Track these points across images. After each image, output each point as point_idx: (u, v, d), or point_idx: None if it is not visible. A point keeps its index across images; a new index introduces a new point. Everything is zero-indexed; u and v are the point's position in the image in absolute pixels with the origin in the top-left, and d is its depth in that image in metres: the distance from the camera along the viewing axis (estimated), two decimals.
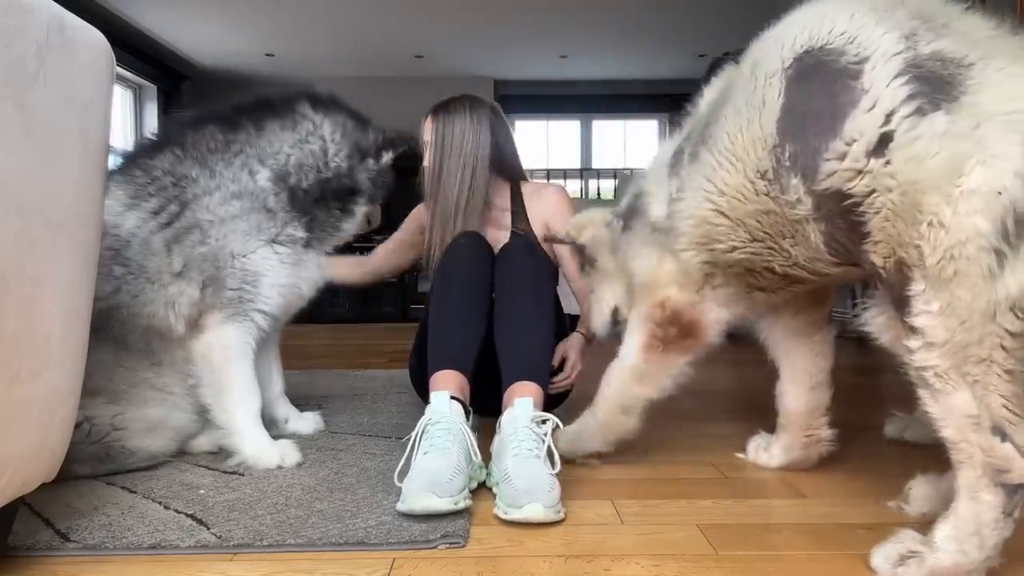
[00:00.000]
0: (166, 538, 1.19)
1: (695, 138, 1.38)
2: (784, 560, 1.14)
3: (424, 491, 1.26)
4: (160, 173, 1.61)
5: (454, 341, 1.64)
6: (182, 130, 1.70)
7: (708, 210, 1.31)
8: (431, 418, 1.42)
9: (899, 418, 1.91)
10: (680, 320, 1.44)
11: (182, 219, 1.58)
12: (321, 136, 1.74)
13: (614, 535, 1.24)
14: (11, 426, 0.99)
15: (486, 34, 7.35)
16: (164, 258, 1.57)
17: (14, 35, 0.93)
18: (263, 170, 1.66)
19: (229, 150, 1.66)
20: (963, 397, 0.98)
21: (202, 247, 1.58)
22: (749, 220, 1.26)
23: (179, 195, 1.59)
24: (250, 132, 1.69)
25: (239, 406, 1.63)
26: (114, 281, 1.54)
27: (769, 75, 1.17)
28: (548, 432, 1.43)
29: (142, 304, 1.57)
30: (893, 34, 1.04)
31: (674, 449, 1.80)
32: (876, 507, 1.36)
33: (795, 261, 1.27)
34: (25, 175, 0.97)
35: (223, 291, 1.60)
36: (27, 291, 0.99)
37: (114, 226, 1.55)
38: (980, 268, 0.94)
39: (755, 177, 1.21)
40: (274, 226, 1.66)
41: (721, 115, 1.29)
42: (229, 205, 1.61)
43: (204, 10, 6.85)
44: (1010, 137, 0.93)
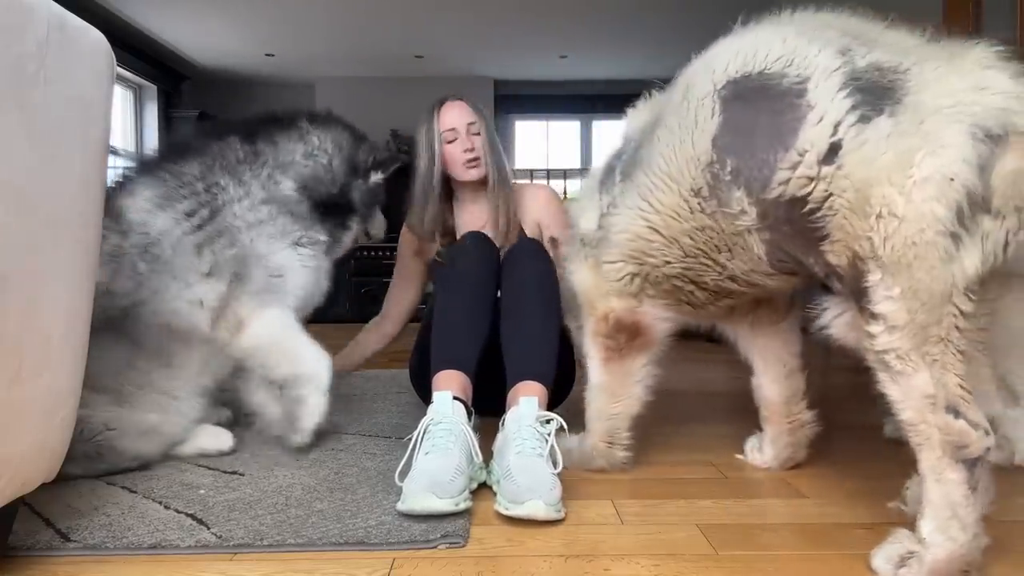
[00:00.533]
0: (166, 538, 1.19)
1: (627, 158, 1.46)
2: (783, 560, 1.14)
3: (425, 491, 1.26)
4: (191, 179, 1.69)
5: (457, 342, 1.65)
6: (206, 140, 1.78)
7: (643, 227, 1.37)
8: (433, 418, 1.42)
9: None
10: (625, 326, 1.51)
11: (213, 223, 1.66)
12: (325, 150, 1.82)
13: (614, 535, 1.24)
14: (11, 426, 1.00)
15: (486, 34, 7.34)
16: (193, 258, 1.63)
17: (14, 35, 0.93)
18: (286, 179, 1.76)
19: (256, 160, 1.75)
20: (922, 377, 1.04)
21: (231, 249, 1.66)
22: (683, 237, 1.32)
23: (210, 201, 1.67)
24: (266, 142, 1.78)
25: (318, 362, 1.70)
26: (137, 277, 1.58)
27: (701, 97, 1.24)
28: (552, 432, 1.43)
29: (164, 301, 1.60)
30: (828, 51, 1.11)
31: (674, 449, 1.80)
32: (875, 507, 1.36)
33: (730, 274, 1.33)
34: (25, 175, 0.97)
35: (249, 282, 1.67)
36: (27, 291, 0.99)
37: (142, 223, 1.61)
38: (938, 252, 0.99)
39: (689, 195, 1.27)
40: (297, 229, 1.74)
41: (654, 137, 1.35)
42: (257, 211, 1.70)
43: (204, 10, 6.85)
44: (955, 127, 0.99)
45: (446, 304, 1.72)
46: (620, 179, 1.46)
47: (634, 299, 1.49)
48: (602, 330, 1.53)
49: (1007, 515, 1.33)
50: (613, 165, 1.52)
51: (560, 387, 1.95)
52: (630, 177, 1.41)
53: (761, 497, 1.46)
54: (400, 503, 1.29)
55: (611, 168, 1.52)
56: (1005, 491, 1.47)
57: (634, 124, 1.53)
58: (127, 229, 1.60)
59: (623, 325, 1.51)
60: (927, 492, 1.05)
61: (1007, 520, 1.31)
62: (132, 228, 1.60)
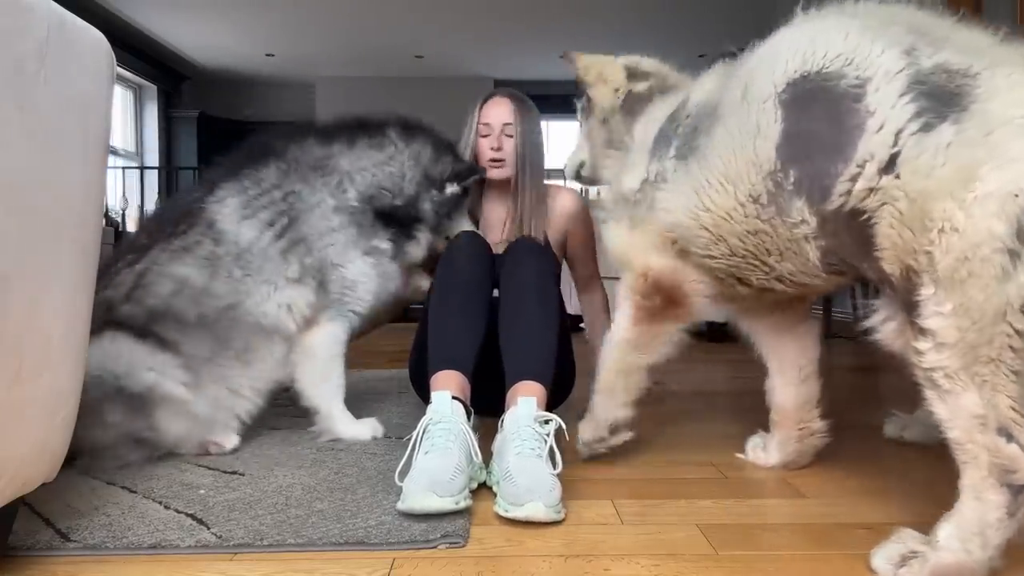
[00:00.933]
0: (166, 538, 1.19)
1: (683, 137, 1.38)
2: (784, 560, 1.14)
3: (425, 490, 1.26)
4: (269, 186, 1.77)
5: (454, 341, 1.65)
6: (285, 143, 1.85)
7: (690, 221, 1.34)
8: (432, 418, 1.42)
9: (898, 418, 1.91)
10: (663, 287, 1.44)
11: (292, 231, 1.75)
12: (400, 161, 1.88)
13: (614, 535, 1.24)
14: (11, 426, 0.99)
15: (486, 34, 7.35)
16: (281, 264, 1.74)
17: (14, 35, 0.93)
18: (351, 189, 1.83)
19: (326, 166, 1.82)
20: (971, 398, 0.99)
21: (308, 257, 1.76)
22: (732, 239, 1.29)
23: (288, 209, 1.76)
24: (342, 147, 1.85)
25: (337, 394, 1.85)
26: (233, 283, 1.70)
27: (762, 100, 1.18)
28: (551, 432, 1.43)
29: (255, 304, 1.72)
30: (893, 51, 1.04)
31: (674, 449, 1.80)
32: (875, 507, 1.37)
33: (777, 275, 1.30)
34: (25, 175, 0.97)
35: (329, 294, 1.79)
36: (28, 291, 0.99)
37: (234, 234, 1.72)
38: (994, 269, 0.94)
39: (746, 200, 1.22)
40: (364, 239, 1.83)
41: (713, 133, 1.29)
42: (329, 219, 1.79)
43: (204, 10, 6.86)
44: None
45: (441, 303, 1.72)
46: (674, 155, 1.39)
47: (675, 258, 1.42)
48: (639, 287, 1.47)
49: None
50: (668, 135, 1.44)
51: (560, 388, 1.95)
52: (684, 160, 1.35)
53: (761, 497, 1.46)
54: (400, 502, 1.29)
55: (666, 137, 1.44)
56: None
57: (697, 96, 1.43)
58: (219, 237, 1.71)
59: (662, 286, 1.44)
60: (961, 503, 1.02)
61: None
62: (224, 237, 1.71)
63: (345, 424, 1.85)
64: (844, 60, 1.08)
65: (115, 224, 6.35)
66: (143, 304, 1.65)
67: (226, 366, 1.71)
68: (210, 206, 1.74)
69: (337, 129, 1.89)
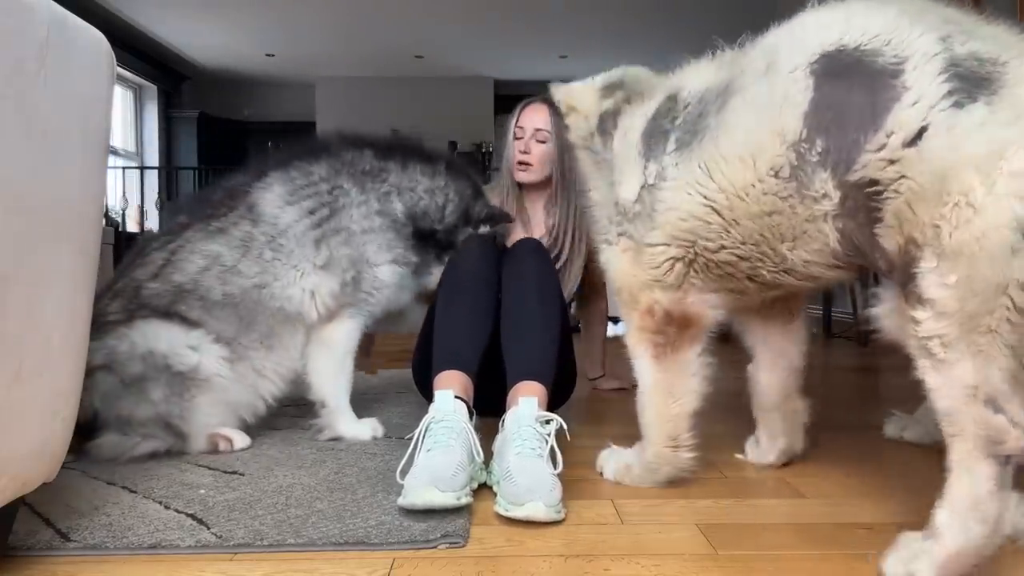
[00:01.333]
0: (166, 538, 1.19)
1: (685, 124, 1.34)
2: (783, 560, 1.14)
3: (426, 485, 1.26)
4: (317, 179, 1.85)
5: (459, 342, 1.65)
6: (341, 145, 1.94)
7: (701, 205, 1.28)
8: (435, 416, 1.42)
9: (898, 418, 1.91)
10: (674, 318, 1.41)
11: (331, 222, 1.82)
12: (447, 193, 1.97)
13: (614, 535, 1.24)
14: (11, 426, 0.99)
15: (486, 34, 7.35)
16: (312, 250, 1.80)
17: (14, 35, 0.93)
18: (399, 202, 1.91)
19: (379, 176, 1.91)
20: (965, 367, 1.00)
21: (345, 248, 1.82)
22: (747, 221, 1.25)
23: (331, 202, 1.83)
24: (398, 165, 1.94)
25: (344, 391, 1.89)
26: (263, 263, 1.77)
27: (791, 69, 1.16)
28: (551, 432, 1.43)
29: (281, 287, 1.78)
30: (930, 36, 1.07)
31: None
32: (875, 507, 1.37)
33: (788, 267, 1.27)
34: (25, 175, 0.97)
35: (359, 291, 1.85)
36: (28, 291, 0.99)
37: (274, 216, 1.79)
38: (1005, 245, 0.96)
39: (766, 175, 1.19)
40: (399, 247, 1.90)
41: (726, 110, 1.25)
42: (371, 220, 1.86)
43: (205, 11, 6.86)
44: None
45: (448, 304, 1.73)
46: (674, 148, 1.33)
47: (679, 290, 1.38)
48: (648, 325, 1.42)
49: None
50: (664, 128, 1.38)
51: (561, 388, 1.95)
52: (689, 147, 1.30)
53: (761, 497, 1.46)
54: (401, 498, 1.29)
55: (661, 131, 1.38)
56: None
57: (694, 84, 1.38)
58: (257, 219, 1.79)
59: (672, 317, 1.41)
60: (950, 483, 1.02)
61: None
62: (262, 219, 1.78)
63: (348, 422, 1.87)
64: (883, 40, 1.10)
65: (115, 224, 6.35)
66: (171, 281, 1.72)
67: (251, 347, 1.77)
68: (255, 190, 1.82)
69: (395, 147, 1.99)
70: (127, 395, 1.63)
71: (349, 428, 1.86)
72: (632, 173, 1.42)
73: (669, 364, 1.43)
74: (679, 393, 1.44)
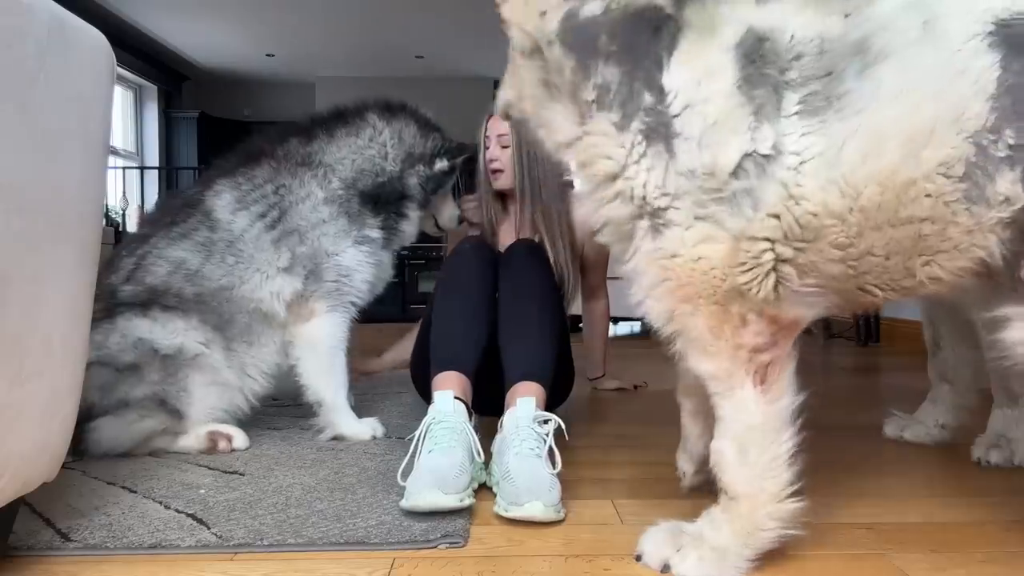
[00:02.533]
0: (166, 538, 1.19)
1: (809, 82, 0.97)
2: (784, 560, 1.14)
3: (429, 487, 1.26)
4: (261, 181, 1.87)
5: (456, 342, 1.65)
6: (274, 143, 1.93)
7: (839, 198, 0.96)
8: (435, 417, 1.42)
9: (898, 418, 1.91)
10: (785, 323, 1.04)
11: (283, 223, 1.84)
12: (382, 142, 1.93)
13: (614, 535, 1.24)
14: (11, 426, 0.99)
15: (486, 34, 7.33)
16: (272, 254, 1.82)
17: (14, 35, 0.93)
18: (334, 178, 1.88)
19: (311, 161, 1.89)
20: None
21: (302, 247, 1.84)
22: (888, 228, 0.96)
23: (279, 202, 1.85)
24: (323, 141, 1.92)
25: (339, 388, 1.88)
26: (226, 267, 1.80)
27: (965, 38, 0.92)
28: (550, 432, 1.43)
29: (251, 290, 1.82)
30: None
31: (674, 449, 1.79)
32: (875, 507, 1.36)
33: (907, 285, 1.00)
34: (25, 175, 0.97)
35: (323, 283, 1.85)
36: (28, 290, 0.99)
37: (228, 223, 1.82)
38: None
39: (935, 172, 0.92)
40: (355, 229, 1.88)
41: (873, 72, 0.95)
42: (319, 211, 1.85)
43: (204, 10, 6.85)
44: None
45: (445, 306, 1.73)
46: (799, 110, 0.97)
47: (774, 291, 1.01)
48: (750, 341, 1.02)
49: (1007, 515, 1.33)
50: (772, 79, 0.99)
51: (560, 388, 1.96)
52: (823, 114, 0.96)
53: None
54: (404, 501, 1.29)
55: (770, 83, 0.99)
56: (1005, 490, 1.47)
57: (799, 28, 0.99)
58: (215, 225, 1.83)
59: (782, 322, 1.03)
60: None
61: (1007, 520, 1.31)
62: (218, 225, 1.82)
63: (347, 421, 1.88)
64: None
65: (115, 224, 6.35)
66: (143, 283, 1.78)
67: (234, 340, 1.81)
68: (208, 198, 1.85)
69: (317, 124, 1.95)
70: (123, 381, 1.69)
71: (349, 427, 1.87)
72: (729, 131, 0.99)
73: (781, 387, 1.05)
74: (784, 426, 1.05)
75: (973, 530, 1.25)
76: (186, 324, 1.75)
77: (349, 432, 1.85)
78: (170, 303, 1.75)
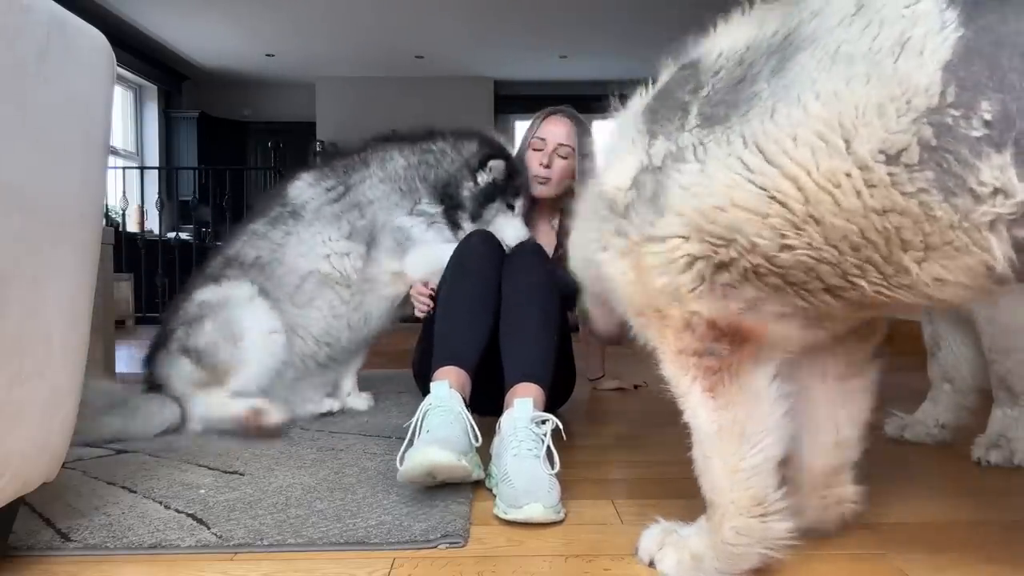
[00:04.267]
0: (166, 538, 1.19)
1: (713, 93, 0.99)
2: (784, 560, 1.13)
3: (428, 444, 1.25)
4: (336, 167, 2.16)
5: (459, 339, 1.66)
6: (358, 148, 2.20)
7: (753, 195, 0.92)
8: (431, 403, 1.44)
9: (898, 418, 1.91)
10: (724, 332, 1.01)
11: (347, 197, 2.09)
12: (444, 151, 2.12)
13: (614, 535, 1.24)
14: (11, 426, 0.99)
15: (486, 34, 7.34)
16: (333, 222, 2.07)
17: (14, 35, 0.93)
18: (399, 157, 2.14)
19: (383, 157, 2.14)
20: None
21: (362, 220, 2.07)
22: (833, 219, 0.87)
23: (344, 180, 2.11)
24: (400, 144, 2.15)
25: None
26: (285, 229, 2.10)
27: (908, 3, 0.82)
28: (547, 432, 1.43)
29: (311, 250, 2.07)
30: None
31: (674, 449, 1.79)
32: (875, 507, 1.36)
33: (908, 283, 0.88)
34: (25, 175, 0.97)
35: (381, 246, 2.07)
36: (28, 291, 0.99)
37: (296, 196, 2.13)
38: None
39: (875, 160, 0.82)
40: (408, 202, 2.08)
41: (789, 67, 0.90)
42: (375, 188, 2.08)
43: (204, 11, 6.85)
44: None
45: (449, 301, 1.73)
46: (699, 123, 0.98)
47: (723, 299, 0.99)
48: (690, 345, 1.02)
49: (1007, 515, 1.33)
50: (680, 100, 1.03)
51: (560, 389, 1.96)
52: (726, 121, 0.95)
53: None
54: (400, 470, 1.29)
55: (675, 104, 1.03)
56: (1005, 491, 1.47)
57: (727, 45, 1.01)
58: (285, 201, 2.12)
59: (722, 330, 1.01)
60: None
61: (1007, 520, 1.31)
62: (288, 199, 2.13)
63: None
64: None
65: (115, 224, 6.34)
66: (225, 255, 2.12)
67: (280, 300, 2.02)
68: (288, 185, 2.18)
69: (405, 135, 2.19)
70: (191, 327, 1.99)
71: None
72: (626, 155, 1.08)
73: (733, 395, 1.01)
74: (755, 435, 1.01)
75: (973, 530, 1.25)
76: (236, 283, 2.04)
77: None
78: (233, 270, 2.08)
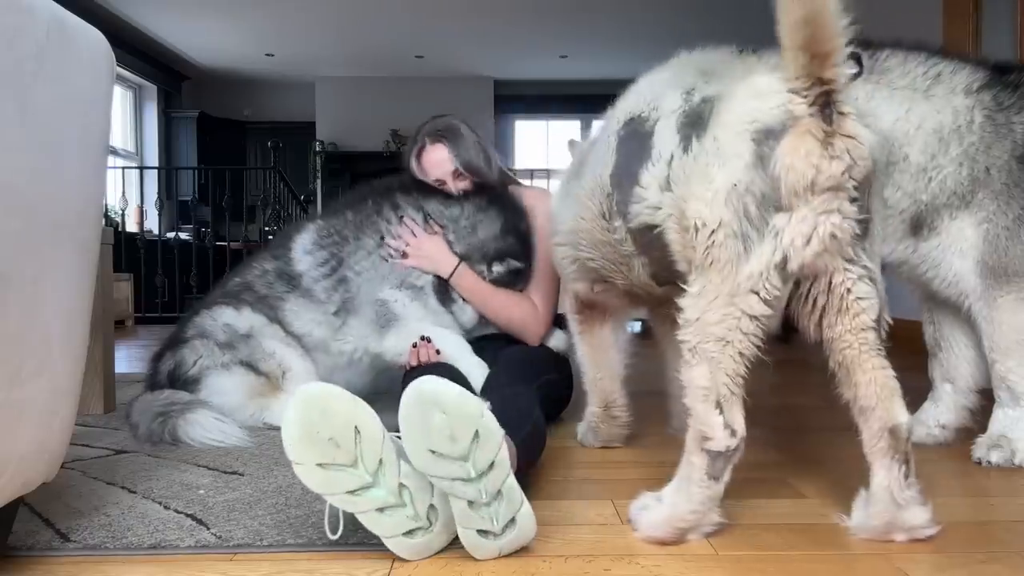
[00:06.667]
0: (166, 538, 1.19)
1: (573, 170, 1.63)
2: (784, 560, 1.14)
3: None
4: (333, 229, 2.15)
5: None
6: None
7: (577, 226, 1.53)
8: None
9: None
10: (585, 304, 1.72)
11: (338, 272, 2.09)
12: (467, 212, 2.07)
13: (614, 535, 1.24)
14: (11, 426, 0.99)
15: (486, 34, 7.34)
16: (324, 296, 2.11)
17: (14, 35, 0.93)
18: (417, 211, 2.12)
19: None
20: (700, 371, 1.13)
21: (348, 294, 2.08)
22: (596, 248, 1.49)
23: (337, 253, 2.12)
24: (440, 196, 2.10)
25: None
26: None
27: (610, 135, 1.40)
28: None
29: None
30: (676, 93, 1.26)
31: (674, 449, 1.79)
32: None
33: (638, 283, 1.47)
34: (25, 175, 0.97)
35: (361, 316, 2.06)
36: (27, 291, 0.99)
37: None
38: (729, 253, 1.09)
39: (597, 215, 1.44)
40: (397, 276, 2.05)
41: (588, 160, 1.52)
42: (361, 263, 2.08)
43: (204, 10, 6.85)
44: (740, 140, 1.10)
45: None
46: (564, 184, 1.64)
47: (591, 284, 1.62)
48: (570, 307, 1.77)
49: (1007, 515, 1.33)
50: (575, 169, 1.64)
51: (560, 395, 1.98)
52: (580, 172, 1.55)
53: (761, 497, 1.46)
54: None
55: (572, 171, 1.66)
56: (1005, 491, 1.47)
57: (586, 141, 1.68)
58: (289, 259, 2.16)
59: (584, 303, 1.73)
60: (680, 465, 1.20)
61: (1007, 520, 1.31)
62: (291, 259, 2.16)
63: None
64: (651, 106, 1.30)
65: (115, 224, 6.34)
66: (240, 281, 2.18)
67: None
68: (294, 236, 2.19)
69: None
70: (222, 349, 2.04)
71: None
72: (560, 195, 1.74)
73: (588, 339, 1.76)
74: (601, 362, 1.74)
75: (973, 530, 1.25)
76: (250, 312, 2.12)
77: None
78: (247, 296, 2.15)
